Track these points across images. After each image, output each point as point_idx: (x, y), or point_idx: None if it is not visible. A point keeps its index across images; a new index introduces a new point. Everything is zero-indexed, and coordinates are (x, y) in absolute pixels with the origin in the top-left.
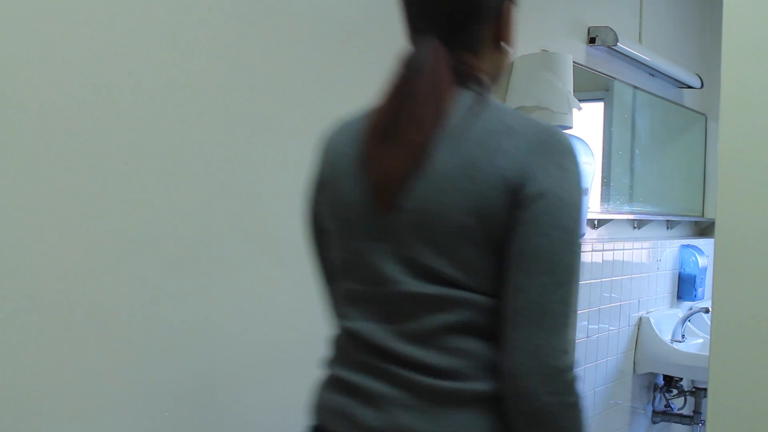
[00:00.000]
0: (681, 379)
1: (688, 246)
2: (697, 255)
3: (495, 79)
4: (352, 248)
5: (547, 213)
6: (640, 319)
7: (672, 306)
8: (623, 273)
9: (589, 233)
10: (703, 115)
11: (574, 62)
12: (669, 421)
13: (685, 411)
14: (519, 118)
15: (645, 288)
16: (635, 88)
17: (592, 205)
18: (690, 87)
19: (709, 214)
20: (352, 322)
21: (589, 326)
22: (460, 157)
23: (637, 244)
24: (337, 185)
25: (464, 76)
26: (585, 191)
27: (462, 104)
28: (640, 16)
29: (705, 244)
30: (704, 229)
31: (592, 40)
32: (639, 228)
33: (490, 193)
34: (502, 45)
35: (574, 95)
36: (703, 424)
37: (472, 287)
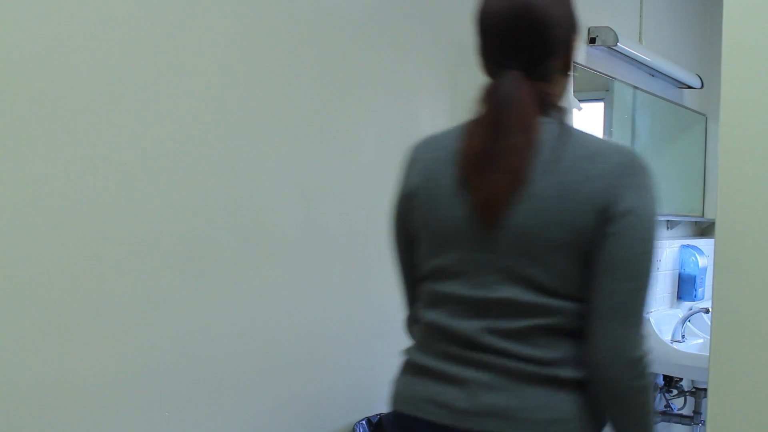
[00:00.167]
0: (681, 379)
1: (688, 246)
2: (697, 255)
3: (561, 102)
4: (452, 257)
5: (632, 228)
6: None
7: (672, 306)
8: None
9: None
10: (703, 115)
11: (573, 62)
12: (669, 421)
13: (685, 411)
14: (600, 143)
15: None
16: (635, 88)
17: None
18: (690, 87)
19: (709, 214)
20: (442, 318)
21: None
22: (554, 181)
23: None
24: (434, 201)
25: (545, 104)
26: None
27: (548, 131)
28: (640, 16)
29: (705, 244)
30: (704, 229)
31: (592, 40)
32: None
33: (583, 213)
34: (568, 72)
35: (574, 95)
36: (703, 424)
37: (564, 294)
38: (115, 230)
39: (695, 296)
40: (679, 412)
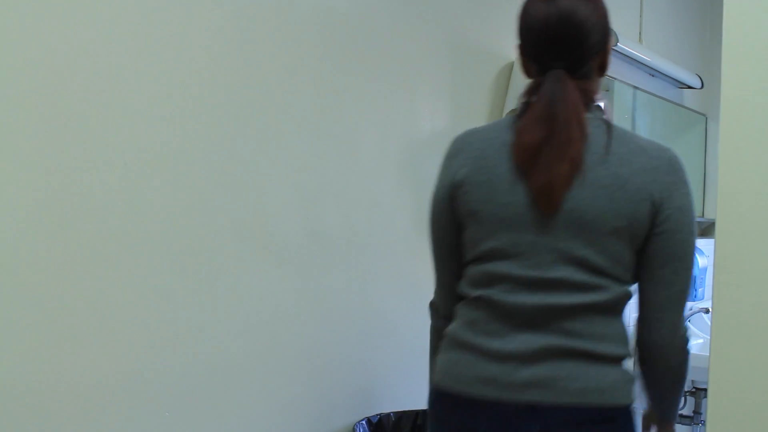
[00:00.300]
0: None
1: None
2: (697, 255)
3: (598, 99)
4: (508, 239)
5: (684, 224)
6: None
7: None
8: None
9: None
10: (703, 115)
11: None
12: None
13: (685, 411)
14: (641, 139)
15: None
16: (635, 88)
17: None
18: (690, 87)
19: (709, 214)
20: (495, 294)
21: None
22: (607, 172)
23: None
24: (489, 188)
25: (588, 101)
26: None
27: (594, 125)
28: (640, 16)
29: (705, 244)
30: (704, 229)
31: None
32: None
33: (635, 203)
34: (603, 72)
35: None
36: (703, 424)
37: (611, 274)
38: (116, 231)
39: (695, 296)
40: (679, 412)
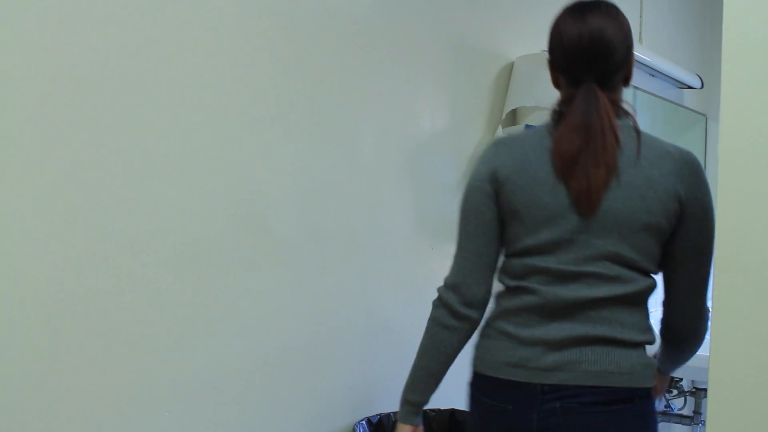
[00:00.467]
0: (681, 379)
1: None
2: None
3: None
4: (548, 237)
5: (708, 221)
6: None
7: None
8: None
9: None
10: (703, 115)
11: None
12: (669, 421)
13: (685, 411)
14: (664, 143)
15: None
16: (635, 88)
17: None
18: (690, 87)
19: None
20: (532, 285)
21: None
22: (639, 174)
23: None
24: (531, 190)
25: (617, 109)
26: None
27: (625, 132)
28: (640, 16)
29: None
30: None
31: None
32: None
33: (665, 202)
34: (628, 83)
35: None
36: (703, 424)
37: (641, 268)
38: (116, 231)
39: None
40: (679, 412)
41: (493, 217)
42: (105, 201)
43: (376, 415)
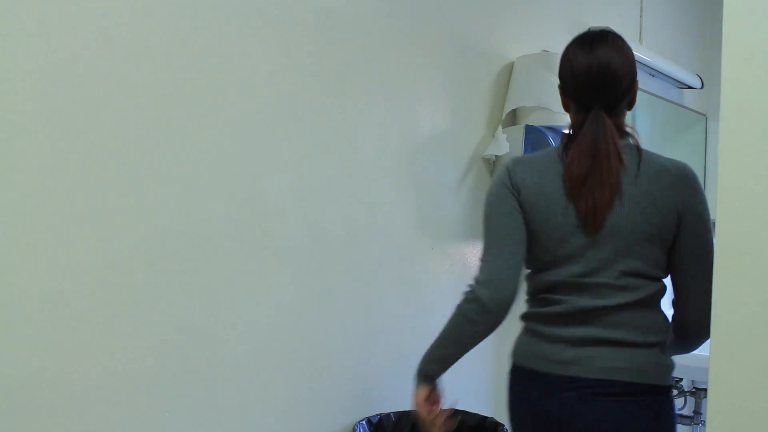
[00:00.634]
0: (681, 379)
1: None
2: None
3: (628, 128)
4: (563, 252)
5: (704, 226)
6: None
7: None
8: None
9: None
10: (704, 115)
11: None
12: None
13: (685, 411)
14: (662, 159)
15: None
16: None
17: None
18: (690, 87)
19: None
20: (555, 294)
21: None
22: (639, 191)
23: None
24: (548, 211)
25: (622, 132)
26: None
27: (628, 152)
28: (640, 16)
29: None
30: None
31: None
32: None
33: (664, 214)
34: (631, 108)
35: None
36: (703, 424)
37: (649, 275)
38: (117, 231)
39: None
40: (679, 412)
41: (521, 222)
42: (105, 201)
43: (376, 415)
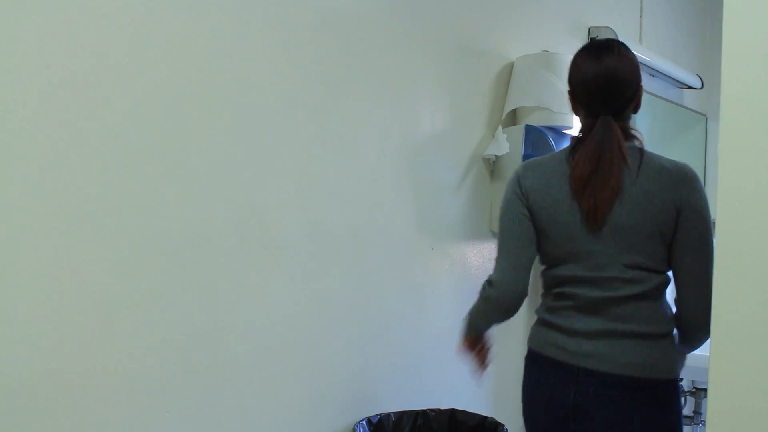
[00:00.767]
0: (681, 379)
1: None
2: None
3: (633, 131)
4: (572, 249)
5: (700, 221)
6: None
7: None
8: None
9: None
10: (704, 115)
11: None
12: None
13: (685, 411)
14: (663, 160)
15: None
16: None
17: None
18: (690, 87)
19: None
20: (567, 289)
21: None
22: (640, 190)
23: None
24: (554, 210)
25: (628, 137)
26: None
27: (631, 154)
28: (640, 16)
29: None
30: None
31: (592, 41)
32: None
33: (663, 212)
34: (636, 112)
35: None
36: (703, 424)
37: (651, 269)
38: (117, 231)
39: None
40: None
41: (528, 225)
42: (105, 201)
43: (376, 415)
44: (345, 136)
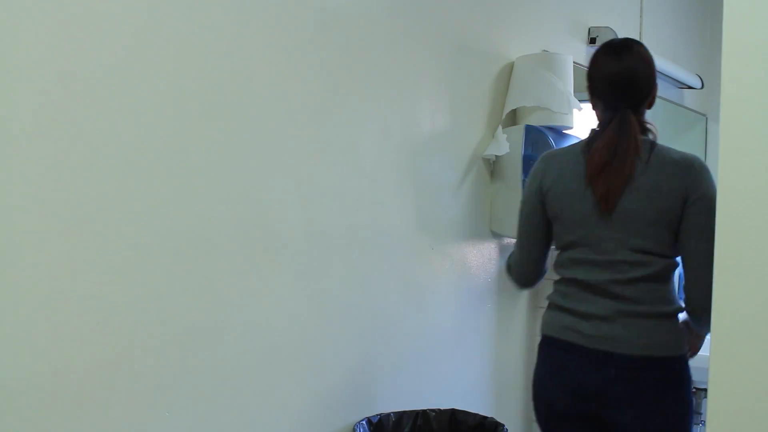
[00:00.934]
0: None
1: None
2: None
3: (647, 123)
4: (584, 233)
5: (705, 206)
6: None
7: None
8: None
9: None
10: (704, 115)
11: (574, 62)
12: None
13: None
14: (673, 152)
15: None
16: None
17: None
18: (690, 87)
19: None
20: (579, 274)
21: None
22: (649, 180)
23: None
24: (567, 196)
25: (644, 130)
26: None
27: (644, 146)
28: (640, 16)
29: None
30: None
31: (592, 41)
32: None
33: (670, 200)
34: (651, 107)
35: (574, 95)
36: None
37: (658, 253)
38: (117, 231)
39: None
40: None
41: (540, 222)
42: (105, 201)
43: (376, 415)
44: (345, 136)
